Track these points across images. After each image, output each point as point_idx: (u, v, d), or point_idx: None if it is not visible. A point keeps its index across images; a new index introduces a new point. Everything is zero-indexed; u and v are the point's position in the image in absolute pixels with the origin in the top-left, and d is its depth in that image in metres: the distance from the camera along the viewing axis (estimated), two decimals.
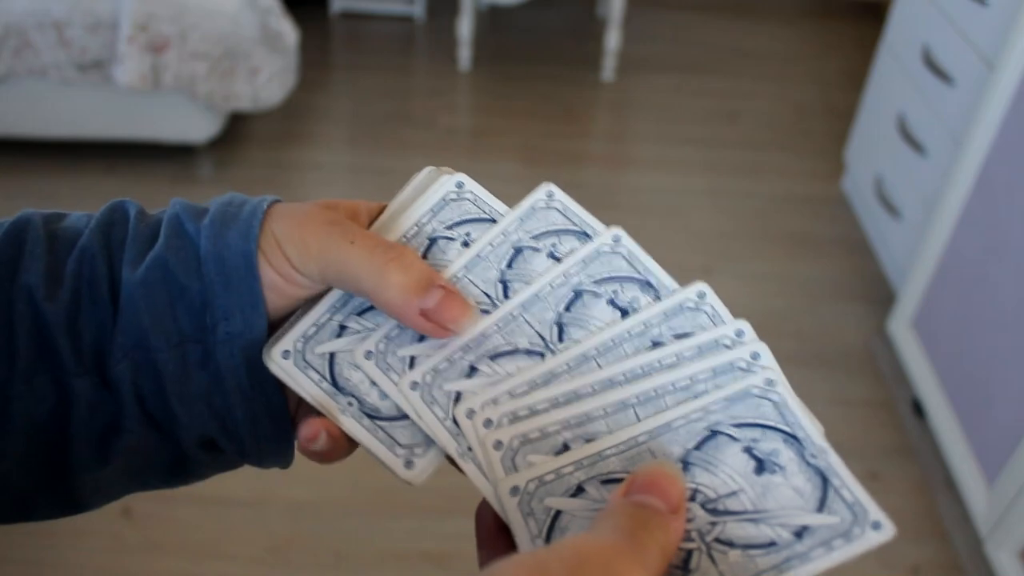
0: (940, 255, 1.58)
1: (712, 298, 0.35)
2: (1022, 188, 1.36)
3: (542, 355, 0.34)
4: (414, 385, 0.33)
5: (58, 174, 2.13)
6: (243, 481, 1.45)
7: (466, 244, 0.37)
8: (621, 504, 0.28)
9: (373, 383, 0.34)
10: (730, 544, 0.31)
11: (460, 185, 0.38)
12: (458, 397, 0.33)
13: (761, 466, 0.32)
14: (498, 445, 0.32)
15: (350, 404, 0.34)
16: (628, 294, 0.35)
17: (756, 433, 0.32)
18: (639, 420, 0.32)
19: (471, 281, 0.36)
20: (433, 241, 0.37)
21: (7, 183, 2.10)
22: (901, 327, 1.70)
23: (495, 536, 0.32)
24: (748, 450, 0.32)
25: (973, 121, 1.49)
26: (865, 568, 1.55)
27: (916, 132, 1.81)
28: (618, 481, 0.31)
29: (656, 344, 0.34)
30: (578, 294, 0.35)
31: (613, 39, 2.65)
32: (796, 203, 2.23)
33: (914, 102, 1.83)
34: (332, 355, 0.34)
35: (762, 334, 0.36)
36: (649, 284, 0.36)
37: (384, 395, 0.34)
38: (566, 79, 2.72)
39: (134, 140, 2.14)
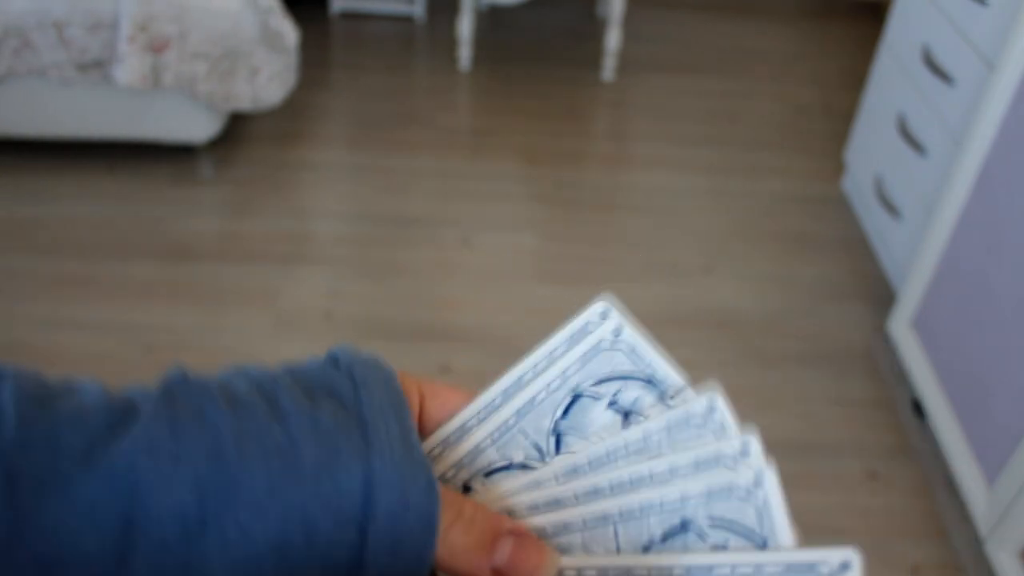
0: (940, 255, 1.58)
1: (722, 412, 0.31)
2: (1022, 188, 1.36)
3: (537, 467, 0.32)
4: None
5: (58, 174, 2.13)
6: None
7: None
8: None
9: None
10: None
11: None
12: None
13: None
14: None
15: None
16: (630, 394, 0.32)
17: None
18: (617, 538, 0.30)
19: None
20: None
21: (7, 183, 2.10)
22: (901, 327, 1.70)
23: None
24: None
25: (973, 121, 1.49)
26: (865, 568, 1.56)
27: (916, 132, 1.81)
28: None
29: (652, 458, 0.31)
30: (576, 397, 0.32)
31: (613, 39, 2.65)
32: (796, 203, 2.23)
33: (914, 102, 1.83)
34: None
35: (762, 334, 0.36)
36: (652, 382, 0.32)
37: None
38: (566, 79, 2.72)
39: (134, 140, 2.14)
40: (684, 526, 0.30)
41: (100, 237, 1.96)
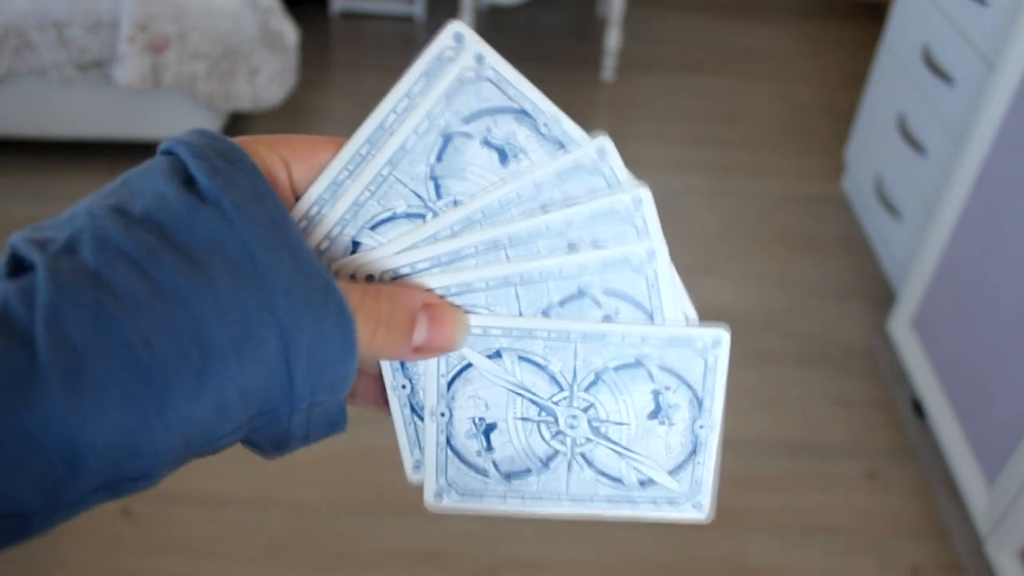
0: (940, 255, 1.58)
1: (613, 157, 0.31)
2: (1022, 188, 1.36)
3: (423, 216, 0.31)
4: None
5: (58, 174, 2.13)
6: (243, 481, 1.45)
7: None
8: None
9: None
10: (589, 464, 0.33)
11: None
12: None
13: (656, 414, 0.33)
14: None
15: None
16: (503, 129, 0.31)
17: (671, 381, 0.33)
18: (519, 300, 0.32)
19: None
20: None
21: (7, 183, 2.10)
22: (901, 327, 1.70)
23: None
24: (656, 395, 0.33)
25: (973, 121, 1.49)
26: (865, 568, 1.55)
27: (916, 132, 1.81)
28: (533, 363, 0.32)
29: (545, 208, 0.31)
30: (447, 139, 0.31)
31: (613, 39, 2.65)
32: (796, 203, 2.23)
33: (914, 102, 1.83)
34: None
35: (762, 334, 0.37)
36: (525, 112, 0.31)
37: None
38: (566, 79, 2.72)
39: (134, 140, 2.14)
40: (580, 293, 0.31)
41: None
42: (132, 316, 0.24)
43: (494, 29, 2.98)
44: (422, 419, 0.33)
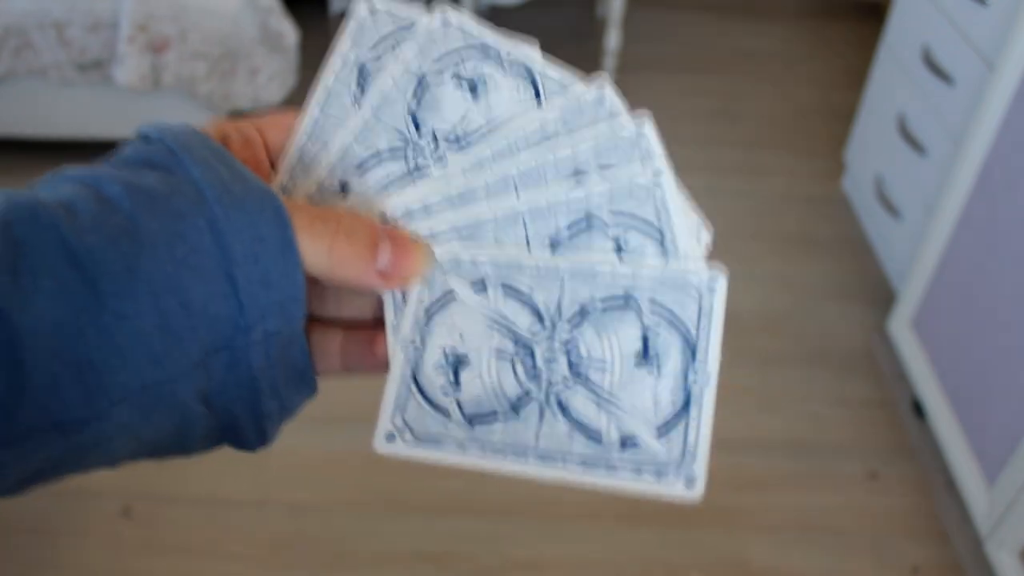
0: (940, 255, 1.58)
1: (611, 97, 0.33)
2: (1022, 188, 1.36)
3: (404, 151, 0.33)
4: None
5: None
6: (243, 481, 1.45)
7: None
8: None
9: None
10: (564, 412, 0.31)
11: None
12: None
13: (644, 357, 0.31)
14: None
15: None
16: (469, 64, 0.34)
17: (662, 323, 0.31)
18: (526, 231, 0.32)
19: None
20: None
21: (7, 183, 2.10)
22: (901, 327, 1.70)
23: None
24: (644, 336, 0.31)
25: (973, 121, 1.49)
26: (865, 568, 1.55)
27: (916, 132, 1.81)
28: (517, 295, 0.32)
29: (551, 141, 0.33)
30: (422, 81, 0.33)
31: (613, 39, 2.65)
32: (796, 203, 2.23)
33: (914, 102, 1.83)
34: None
35: (762, 334, 0.37)
36: (486, 46, 0.34)
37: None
38: None
39: None
40: (589, 219, 0.32)
41: None
42: (71, 218, 0.26)
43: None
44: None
